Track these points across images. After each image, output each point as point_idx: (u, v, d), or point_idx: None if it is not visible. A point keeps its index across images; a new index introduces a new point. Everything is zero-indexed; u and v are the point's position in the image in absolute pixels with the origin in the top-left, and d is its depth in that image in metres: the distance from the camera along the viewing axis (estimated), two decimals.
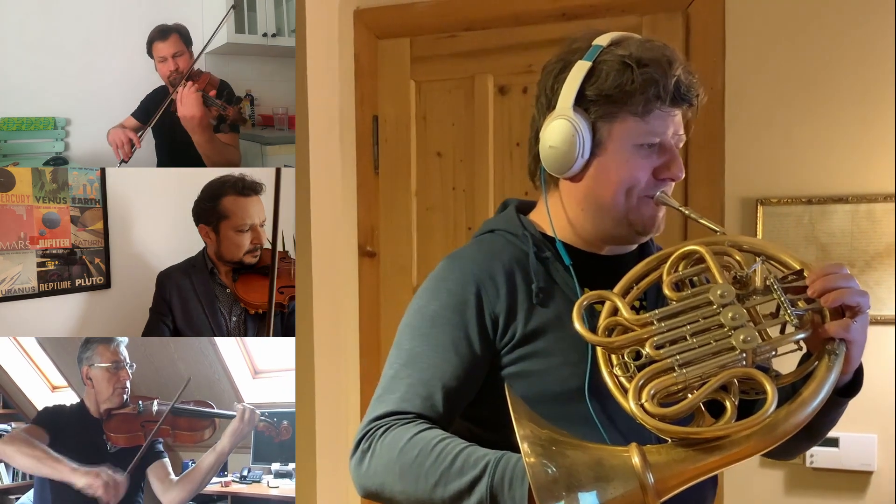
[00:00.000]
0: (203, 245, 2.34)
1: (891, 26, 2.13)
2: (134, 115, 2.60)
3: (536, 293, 1.26)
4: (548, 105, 1.29)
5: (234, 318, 2.31)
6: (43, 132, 2.59)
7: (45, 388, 2.50)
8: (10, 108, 2.54)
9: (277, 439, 2.32)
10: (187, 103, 2.43)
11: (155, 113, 2.50)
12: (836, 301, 1.12)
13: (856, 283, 1.14)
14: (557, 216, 1.33)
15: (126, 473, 2.10)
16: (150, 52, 2.53)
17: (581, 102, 1.25)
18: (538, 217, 1.36)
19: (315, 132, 2.43)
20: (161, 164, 2.47)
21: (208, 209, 2.30)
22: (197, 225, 2.33)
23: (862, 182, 2.18)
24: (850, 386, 1.20)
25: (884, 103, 2.15)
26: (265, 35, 2.64)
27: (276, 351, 2.41)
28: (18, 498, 2.34)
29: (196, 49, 2.53)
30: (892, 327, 2.14)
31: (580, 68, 1.25)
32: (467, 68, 2.56)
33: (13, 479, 2.51)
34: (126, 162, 2.48)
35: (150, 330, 2.31)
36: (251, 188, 2.32)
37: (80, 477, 2.07)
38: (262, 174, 2.34)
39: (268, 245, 2.33)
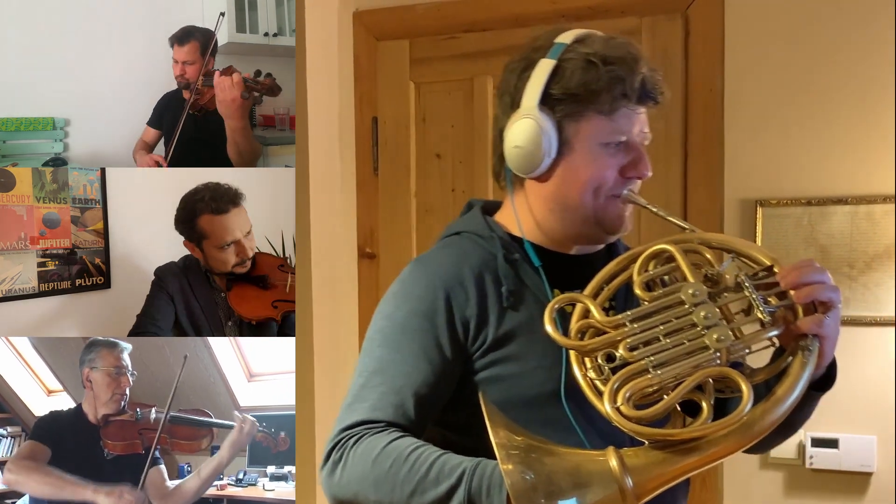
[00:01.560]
0: None
1: (891, 27, 2.14)
2: (150, 123, 2.60)
3: (507, 296, 1.24)
4: (511, 104, 1.27)
5: (230, 324, 2.27)
6: (42, 132, 2.58)
7: (41, 392, 2.49)
8: (9, 108, 2.54)
9: (275, 450, 2.30)
10: (226, 87, 2.35)
11: (168, 116, 2.49)
12: (808, 297, 1.11)
13: (828, 278, 1.13)
14: (524, 216, 1.31)
15: (140, 488, 2.11)
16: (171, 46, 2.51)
17: (546, 101, 1.23)
18: (504, 218, 1.34)
19: (314, 133, 2.43)
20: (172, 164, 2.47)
21: (187, 229, 2.23)
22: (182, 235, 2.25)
23: (862, 183, 2.18)
24: (824, 380, 1.19)
25: (883, 104, 2.15)
26: (266, 35, 2.64)
27: (273, 352, 2.40)
28: (14, 502, 2.33)
29: None
30: (892, 328, 2.13)
31: (544, 66, 1.23)
32: (467, 70, 2.56)
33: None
34: None
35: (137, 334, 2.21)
36: (229, 200, 2.20)
37: (103, 498, 2.07)
38: (253, 175, 2.30)
39: (258, 250, 2.27)
